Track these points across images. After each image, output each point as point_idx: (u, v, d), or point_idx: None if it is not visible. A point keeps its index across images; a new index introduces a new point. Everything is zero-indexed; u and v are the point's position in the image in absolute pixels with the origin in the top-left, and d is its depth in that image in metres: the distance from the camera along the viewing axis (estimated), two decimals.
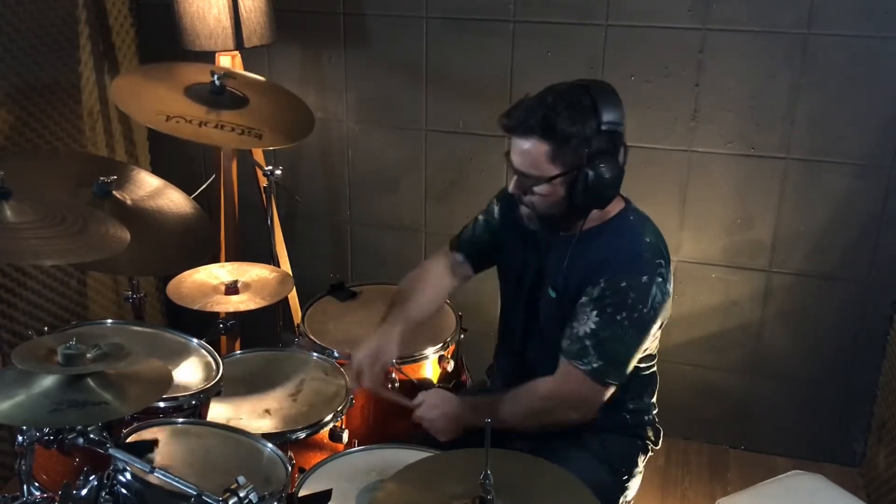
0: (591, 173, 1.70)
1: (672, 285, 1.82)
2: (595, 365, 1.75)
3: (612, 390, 1.80)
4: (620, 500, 1.95)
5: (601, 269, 1.76)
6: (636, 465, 1.97)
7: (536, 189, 1.76)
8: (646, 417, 1.99)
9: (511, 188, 1.82)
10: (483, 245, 2.08)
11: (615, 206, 1.84)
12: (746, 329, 2.82)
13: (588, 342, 1.76)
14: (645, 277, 1.74)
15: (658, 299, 1.76)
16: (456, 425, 1.87)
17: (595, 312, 1.75)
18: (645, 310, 1.74)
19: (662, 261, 1.79)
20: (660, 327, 1.85)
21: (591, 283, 1.77)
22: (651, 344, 1.90)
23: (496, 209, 2.06)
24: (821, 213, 2.64)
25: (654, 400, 2.02)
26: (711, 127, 2.64)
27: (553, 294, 1.87)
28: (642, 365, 1.92)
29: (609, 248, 1.79)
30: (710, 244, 2.76)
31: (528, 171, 1.75)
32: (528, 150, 1.73)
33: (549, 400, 1.81)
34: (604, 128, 1.70)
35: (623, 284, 1.74)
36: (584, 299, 1.78)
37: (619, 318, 1.74)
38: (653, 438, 2.00)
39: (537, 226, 1.84)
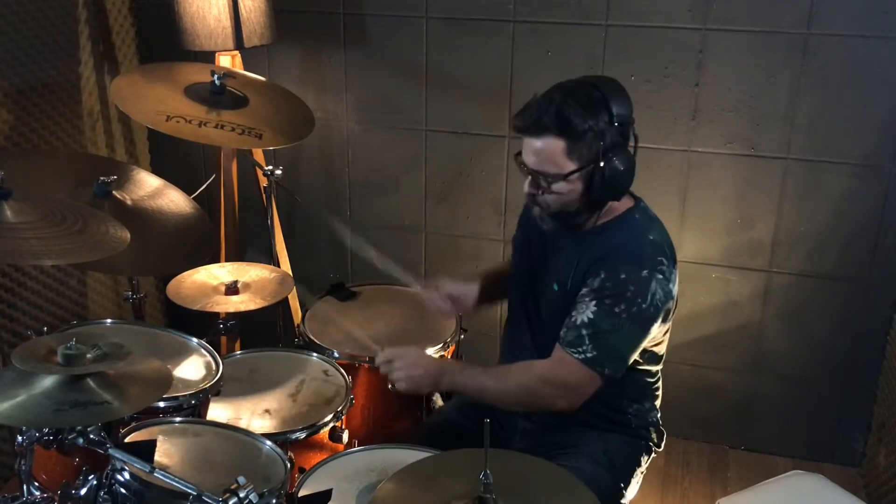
0: (607, 166, 1.72)
1: (677, 286, 1.82)
2: (589, 354, 1.75)
3: (603, 381, 1.79)
4: (621, 501, 1.94)
5: (602, 262, 1.78)
6: (639, 464, 1.97)
7: (554, 187, 1.77)
8: (649, 420, 1.99)
9: (525, 189, 1.84)
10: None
11: (623, 204, 1.86)
12: (746, 329, 2.82)
13: (584, 331, 1.76)
14: (645, 272, 1.75)
15: (659, 296, 1.76)
16: (426, 383, 1.88)
17: (594, 303, 1.76)
18: (644, 304, 1.75)
19: (665, 259, 1.79)
20: (665, 326, 1.85)
21: (593, 275, 1.78)
22: (658, 345, 1.91)
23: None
24: (821, 213, 2.64)
25: (657, 403, 2.02)
26: (711, 127, 2.64)
27: (556, 287, 1.88)
28: (649, 367, 1.92)
29: (611, 242, 1.80)
30: (710, 244, 2.76)
31: (545, 169, 1.76)
32: (542, 149, 1.75)
33: (541, 382, 1.81)
34: (616, 121, 1.72)
35: (622, 276, 1.74)
36: (584, 290, 1.79)
37: (617, 310, 1.74)
38: (655, 440, 2.00)
39: (550, 225, 1.85)
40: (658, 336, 1.86)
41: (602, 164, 1.72)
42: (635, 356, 1.83)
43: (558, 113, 1.71)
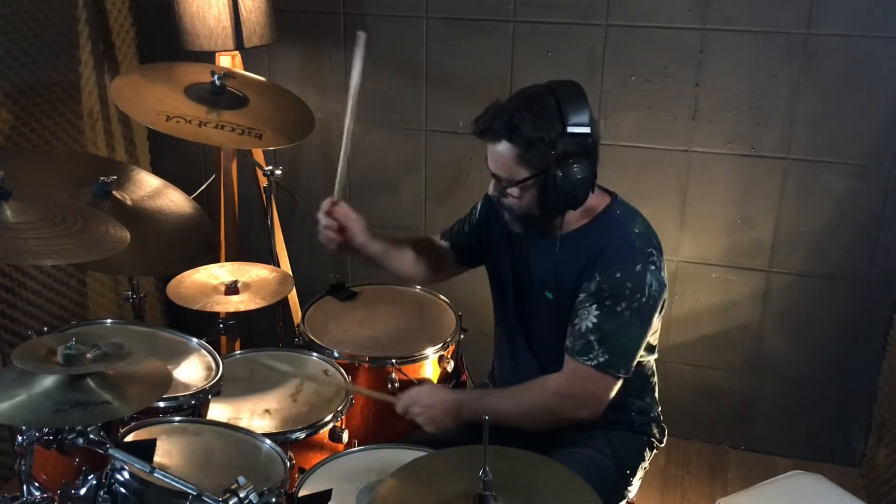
0: (559, 175, 1.72)
1: (666, 274, 1.83)
2: (602, 359, 1.76)
3: (619, 384, 1.80)
4: (624, 497, 1.95)
5: (594, 264, 1.78)
6: (643, 459, 1.97)
7: (510, 191, 1.79)
8: (651, 415, 2.00)
9: (490, 191, 1.86)
10: (465, 239, 2.12)
11: (601, 202, 1.86)
12: (746, 329, 2.82)
13: (592, 337, 1.76)
14: (639, 266, 1.76)
15: (655, 287, 1.77)
16: (447, 419, 1.87)
17: (595, 307, 1.76)
18: (644, 299, 1.75)
19: (653, 249, 1.80)
20: (661, 316, 1.86)
21: (587, 279, 1.78)
22: (654, 335, 1.91)
23: (479, 206, 2.10)
24: (821, 213, 2.64)
25: (656, 396, 2.03)
26: (711, 127, 2.64)
27: (550, 296, 1.88)
28: (647, 359, 1.93)
29: (599, 242, 1.81)
30: (710, 244, 2.76)
31: (500, 173, 1.79)
32: (497, 154, 1.77)
33: (559, 398, 1.81)
34: (570, 130, 1.72)
35: (618, 276, 1.75)
36: (581, 296, 1.79)
37: (619, 309, 1.75)
38: (657, 436, 2.01)
39: (518, 228, 1.86)
40: (656, 326, 1.87)
41: (555, 172, 1.72)
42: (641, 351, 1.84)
43: (510, 121, 1.72)
